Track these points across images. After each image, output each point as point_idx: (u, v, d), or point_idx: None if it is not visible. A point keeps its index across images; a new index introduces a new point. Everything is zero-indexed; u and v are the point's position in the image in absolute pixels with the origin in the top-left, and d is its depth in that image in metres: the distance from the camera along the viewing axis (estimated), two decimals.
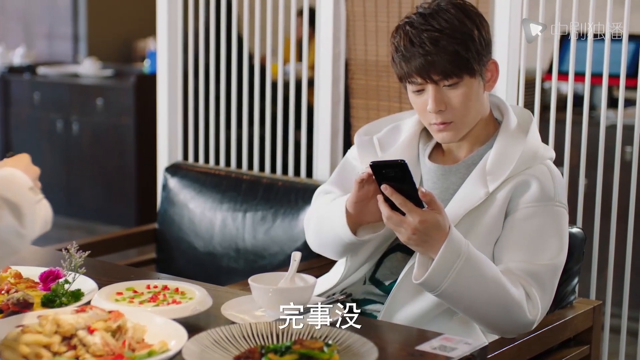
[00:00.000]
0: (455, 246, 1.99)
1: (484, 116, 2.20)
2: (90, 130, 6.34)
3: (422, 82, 2.11)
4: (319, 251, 2.31)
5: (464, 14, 2.10)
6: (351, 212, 2.11)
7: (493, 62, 2.17)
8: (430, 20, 2.08)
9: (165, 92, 3.65)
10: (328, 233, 2.20)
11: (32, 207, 1.63)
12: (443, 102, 2.11)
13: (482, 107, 2.18)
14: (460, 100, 2.11)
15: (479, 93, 2.14)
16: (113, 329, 1.71)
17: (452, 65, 2.07)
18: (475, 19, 2.11)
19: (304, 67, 3.44)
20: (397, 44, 2.12)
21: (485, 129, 2.22)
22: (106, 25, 7.32)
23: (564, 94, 3.80)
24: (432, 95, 2.10)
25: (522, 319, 2.04)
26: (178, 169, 3.34)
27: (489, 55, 2.14)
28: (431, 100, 2.11)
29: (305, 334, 1.76)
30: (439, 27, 2.07)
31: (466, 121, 2.14)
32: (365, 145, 2.29)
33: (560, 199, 2.16)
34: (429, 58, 2.06)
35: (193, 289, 2.07)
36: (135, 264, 3.14)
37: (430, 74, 2.08)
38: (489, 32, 2.14)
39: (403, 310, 2.14)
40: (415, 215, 1.96)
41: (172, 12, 3.59)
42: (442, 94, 2.10)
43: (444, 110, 2.11)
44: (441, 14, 2.09)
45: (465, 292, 2.01)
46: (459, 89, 2.10)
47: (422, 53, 2.07)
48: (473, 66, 2.09)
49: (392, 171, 1.95)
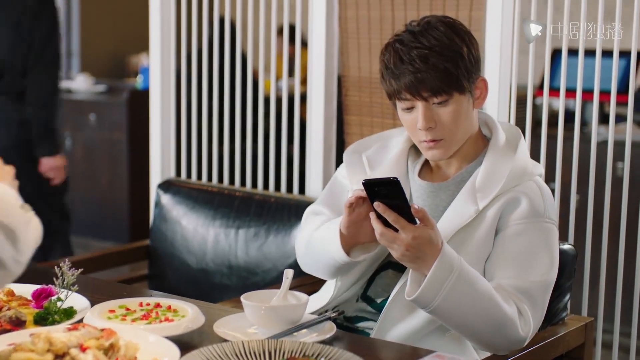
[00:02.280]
0: (448, 262, 1.99)
1: (472, 133, 2.21)
2: (83, 146, 6.34)
3: (412, 99, 2.11)
4: (310, 272, 2.31)
5: (454, 32, 2.11)
6: (345, 235, 2.12)
7: (482, 80, 2.17)
8: (420, 37, 2.09)
9: (157, 108, 3.65)
10: (321, 255, 2.20)
11: (26, 230, 1.58)
12: (433, 119, 2.11)
13: (471, 125, 2.19)
14: (450, 118, 2.11)
15: (468, 110, 2.15)
16: (105, 347, 1.71)
17: (441, 82, 2.08)
18: (465, 37, 2.12)
19: (297, 82, 3.45)
20: (387, 61, 2.13)
21: (474, 146, 2.22)
22: (99, 41, 7.32)
23: (555, 109, 3.82)
24: (421, 112, 2.11)
25: (514, 336, 2.04)
26: (171, 186, 3.35)
27: (478, 72, 2.15)
28: (421, 118, 2.11)
29: (297, 351, 1.76)
30: (428, 44, 2.08)
31: (456, 139, 2.15)
32: (354, 164, 2.30)
33: (550, 215, 2.16)
34: (419, 75, 2.07)
35: (185, 307, 2.07)
36: (127, 280, 3.14)
37: (419, 91, 2.09)
38: (478, 50, 2.15)
39: (396, 327, 2.14)
40: (408, 232, 1.97)
41: (164, 27, 3.59)
42: (431, 112, 2.11)
43: (434, 127, 2.12)
44: (430, 31, 2.10)
45: (457, 308, 2.01)
46: (448, 106, 2.11)
47: (411, 70, 2.08)
48: (462, 83, 2.10)
49: (384, 189, 1.96)
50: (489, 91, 2.82)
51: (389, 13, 3.13)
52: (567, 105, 3.48)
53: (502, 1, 2.83)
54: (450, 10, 2.96)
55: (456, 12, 2.95)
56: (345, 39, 3.26)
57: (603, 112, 4.09)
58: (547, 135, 2.87)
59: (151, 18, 3.61)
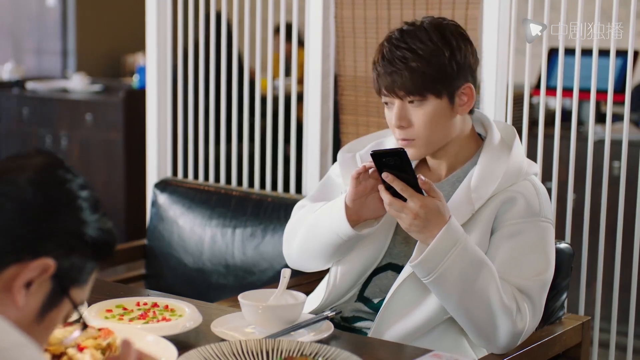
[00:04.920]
0: (454, 233, 2.01)
1: (460, 136, 2.20)
2: (79, 146, 6.33)
3: (389, 97, 2.14)
4: (301, 262, 2.31)
5: (441, 36, 2.12)
6: (350, 208, 2.12)
7: (469, 87, 2.16)
8: (406, 37, 2.12)
9: (154, 108, 3.65)
10: (321, 235, 2.19)
11: None
12: (406, 118, 2.14)
13: (451, 129, 2.17)
14: (423, 120, 2.13)
15: (445, 115, 2.14)
16: (103, 347, 1.71)
17: (415, 84, 2.10)
18: (452, 42, 2.12)
19: (293, 82, 3.45)
20: (375, 58, 2.18)
21: (466, 146, 2.22)
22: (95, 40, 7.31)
23: (551, 109, 3.82)
24: (396, 110, 2.15)
25: (510, 327, 2.04)
26: (167, 185, 3.34)
27: (462, 79, 2.14)
28: (394, 116, 2.15)
29: (295, 350, 1.76)
30: (413, 46, 2.11)
31: (429, 141, 2.16)
32: (347, 163, 2.30)
33: (545, 214, 2.17)
34: (395, 75, 2.11)
35: (183, 306, 2.07)
36: (124, 280, 3.14)
37: (395, 89, 2.12)
38: (467, 56, 2.14)
39: (393, 327, 2.14)
40: (416, 200, 1.99)
41: (161, 27, 3.59)
42: (406, 111, 2.14)
43: (406, 127, 2.14)
44: (418, 33, 2.12)
45: (457, 284, 2.02)
46: (422, 108, 2.12)
47: (391, 69, 2.11)
48: (438, 87, 2.11)
49: (392, 159, 2.00)
50: (486, 91, 2.85)
51: (385, 12, 3.13)
52: (564, 105, 3.48)
53: (498, 0, 2.83)
54: (446, 9, 2.96)
55: (452, 11, 2.95)
56: (341, 38, 3.26)
57: (600, 112, 4.10)
58: (544, 135, 2.87)
59: (147, 17, 3.61)
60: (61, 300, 1.29)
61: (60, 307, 1.29)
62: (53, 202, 1.28)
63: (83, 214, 1.30)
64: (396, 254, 2.22)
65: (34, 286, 1.26)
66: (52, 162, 1.33)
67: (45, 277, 1.26)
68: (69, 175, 1.32)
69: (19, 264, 1.24)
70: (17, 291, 1.24)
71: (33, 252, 1.25)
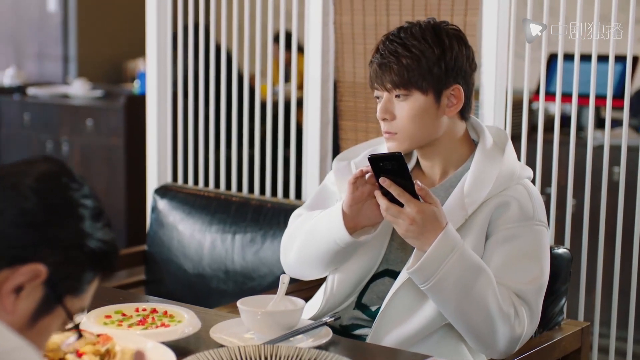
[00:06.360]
0: (451, 240, 2.02)
1: (452, 139, 2.21)
2: (80, 151, 6.33)
3: (378, 89, 2.18)
4: (298, 270, 2.31)
5: (435, 35, 2.14)
6: (347, 214, 2.12)
7: (457, 89, 2.17)
8: (402, 34, 2.16)
9: (154, 113, 3.65)
10: (319, 243, 2.19)
11: None
12: (390, 111, 2.16)
13: (435, 129, 2.18)
14: (406, 115, 2.15)
15: (429, 113, 2.15)
16: (102, 353, 1.71)
17: (401, 78, 2.13)
18: (445, 42, 2.13)
19: (293, 88, 3.45)
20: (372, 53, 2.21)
21: (459, 150, 2.23)
22: (96, 46, 7.32)
23: (551, 114, 3.83)
24: (382, 102, 2.18)
25: (508, 333, 2.05)
26: (167, 191, 3.34)
27: (451, 80, 2.15)
28: (379, 107, 2.17)
29: (293, 356, 1.76)
30: (406, 42, 2.14)
31: (410, 135, 2.17)
32: (342, 171, 2.30)
33: (539, 217, 2.17)
34: (384, 67, 2.14)
35: (182, 312, 2.07)
36: (124, 286, 3.14)
37: (383, 81, 2.15)
38: (459, 58, 2.15)
39: (390, 333, 2.14)
40: (413, 206, 2.00)
41: (161, 33, 3.60)
42: (392, 104, 2.17)
43: (389, 119, 2.17)
44: (414, 30, 2.15)
45: (455, 290, 2.02)
46: (407, 102, 2.14)
47: (381, 62, 2.15)
48: (423, 84, 2.12)
49: (389, 164, 2.01)
50: (486, 96, 2.85)
51: (384, 19, 3.13)
52: (563, 110, 3.48)
53: (497, 6, 2.84)
54: (444, 16, 2.96)
55: (451, 18, 2.95)
56: (340, 44, 3.26)
57: (599, 117, 4.10)
58: (543, 140, 2.87)
59: (148, 23, 3.62)
60: (55, 308, 1.29)
61: (54, 314, 1.29)
62: (53, 209, 1.28)
63: (84, 224, 1.30)
64: (393, 260, 2.22)
65: (24, 291, 1.25)
66: (57, 169, 1.33)
67: (37, 282, 1.25)
68: (73, 183, 1.32)
69: (10, 268, 1.24)
70: (6, 295, 1.24)
71: (26, 257, 1.25)
